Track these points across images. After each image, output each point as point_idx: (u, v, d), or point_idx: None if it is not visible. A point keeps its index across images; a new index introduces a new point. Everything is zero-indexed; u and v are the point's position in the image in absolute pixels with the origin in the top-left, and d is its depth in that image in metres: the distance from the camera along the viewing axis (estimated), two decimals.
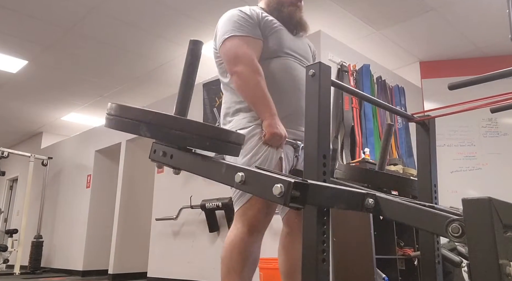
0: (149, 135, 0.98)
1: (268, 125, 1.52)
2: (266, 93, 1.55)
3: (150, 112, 1.01)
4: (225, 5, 3.93)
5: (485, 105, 1.44)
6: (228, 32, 1.62)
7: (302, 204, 0.81)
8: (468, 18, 4.11)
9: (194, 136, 1.00)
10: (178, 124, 1.00)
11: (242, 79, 1.56)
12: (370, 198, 0.95)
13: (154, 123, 0.99)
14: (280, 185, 0.79)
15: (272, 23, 1.72)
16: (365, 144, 3.71)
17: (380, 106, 1.43)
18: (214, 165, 1.00)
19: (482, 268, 0.76)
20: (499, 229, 0.77)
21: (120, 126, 1.02)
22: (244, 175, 0.89)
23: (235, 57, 1.59)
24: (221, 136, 1.06)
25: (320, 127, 1.06)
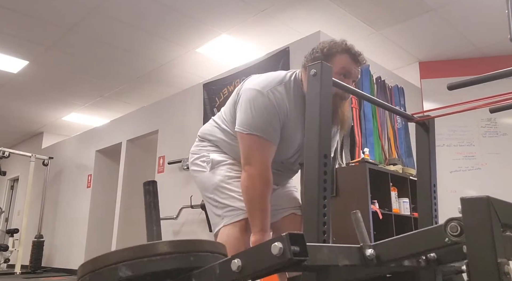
0: (130, 273, 0.89)
1: (255, 242, 1.51)
2: (266, 207, 1.54)
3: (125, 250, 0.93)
4: (225, 5, 3.95)
5: (485, 105, 1.45)
6: (252, 127, 1.54)
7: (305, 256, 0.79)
8: (468, 18, 4.12)
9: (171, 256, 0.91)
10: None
11: (250, 183, 1.54)
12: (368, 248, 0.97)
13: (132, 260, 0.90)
14: (277, 243, 0.75)
15: (291, 125, 1.60)
16: (365, 144, 3.72)
17: (380, 106, 1.43)
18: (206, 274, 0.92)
19: (480, 266, 0.77)
20: (497, 228, 0.78)
21: None
22: (239, 259, 0.83)
23: (252, 158, 1.55)
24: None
25: (321, 127, 1.07)
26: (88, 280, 0.91)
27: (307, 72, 1.12)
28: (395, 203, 3.46)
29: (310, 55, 1.62)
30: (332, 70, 1.55)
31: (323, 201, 1.04)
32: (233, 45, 4.72)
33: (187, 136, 4.72)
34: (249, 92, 1.57)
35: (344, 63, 1.57)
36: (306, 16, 4.11)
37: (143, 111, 5.97)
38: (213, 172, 1.66)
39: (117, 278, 0.88)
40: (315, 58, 1.59)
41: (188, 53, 4.90)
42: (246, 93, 1.59)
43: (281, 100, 1.55)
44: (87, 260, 0.92)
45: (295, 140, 1.64)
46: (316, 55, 1.59)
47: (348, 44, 1.60)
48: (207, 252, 0.96)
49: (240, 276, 0.83)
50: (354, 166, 3.30)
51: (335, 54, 1.57)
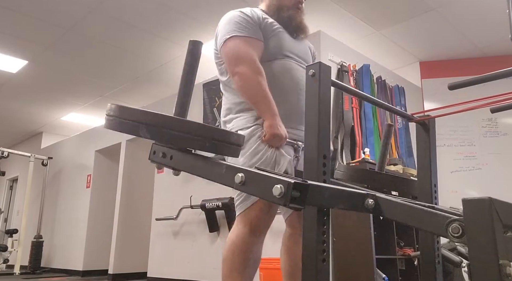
0: (149, 136, 0.98)
1: (269, 126, 1.52)
2: (267, 94, 1.56)
3: (149, 113, 1.01)
4: (226, 5, 3.94)
5: (485, 105, 1.44)
6: (230, 32, 1.63)
7: (302, 205, 0.81)
8: (468, 18, 4.11)
9: (194, 137, 0.99)
10: (178, 125, 1.00)
11: (243, 80, 1.56)
12: (370, 199, 0.95)
13: (153, 124, 0.98)
14: (280, 186, 0.79)
15: (272, 25, 1.72)
16: (365, 143, 3.71)
17: (380, 106, 1.43)
18: (214, 166, 1.00)
19: (482, 268, 0.76)
20: (499, 229, 0.77)
21: (119, 128, 1.02)
22: (244, 176, 0.89)
23: (236, 58, 1.59)
24: (220, 137, 1.06)
25: (320, 128, 1.06)
26: (114, 122, 1.03)
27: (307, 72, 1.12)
28: None
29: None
30: None
31: None
32: None
33: None
34: (221, 20, 1.72)
35: None
36: (306, 16, 4.08)
37: None
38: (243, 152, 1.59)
39: (137, 134, 0.99)
40: None
41: None
42: (219, 23, 1.72)
43: (250, 11, 1.69)
44: None
45: (285, 36, 1.74)
46: None
47: None
48: (224, 142, 1.06)
49: (238, 188, 0.91)
50: (355, 166, 3.29)
51: None
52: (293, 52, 1.75)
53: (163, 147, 1.09)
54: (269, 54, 1.68)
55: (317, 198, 0.86)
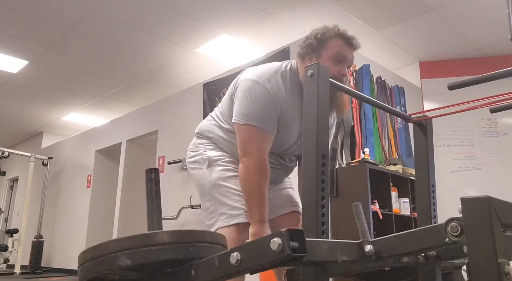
0: (129, 262, 0.87)
1: (254, 233, 1.49)
2: (263, 198, 1.53)
3: (123, 239, 0.91)
4: (226, 5, 3.95)
5: (485, 105, 1.44)
6: (247, 117, 1.54)
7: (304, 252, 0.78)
8: (468, 18, 4.11)
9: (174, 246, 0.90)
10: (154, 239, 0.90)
11: (246, 174, 1.53)
12: (367, 244, 0.97)
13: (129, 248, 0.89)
14: (276, 238, 0.75)
15: (289, 115, 1.59)
16: (365, 144, 3.72)
17: (378, 107, 1.43)
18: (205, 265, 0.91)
19: (481, 267, 0.76)
20: (498, 228, 0.77)
21: (95, 271, 0.91)
22: (239, 253, 0.82)
23: (249, 149, 1.55)
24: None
25: (318, 128, 1.07)
26: (88, 267, 0.91)
27: (305, 72, 1.11)
28: (395, 203, 3.46)
29: (304, 42, 1.63)
30: (328, 55, 1.56)
31: (322, 201, 1.04)
32: (233, 45, 4.71)
33: (187, 137, 4.70)
34: (245, 83, 1.57)
35: (338, 47, 1.57)
36: (306, 16, 4.10)
37: (143, 111, 5.97)
38: (210, 169, 1.65)
39: (117, 266, 0.88)
40: (309, 44, 1.60)
41: (188, 53, 4.89)
42: (242, 84, 1.59)
43: (277, 89, 1.55)
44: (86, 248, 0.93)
45: (293, 130, 1.63)
46: (310, 42, 1.60)
47: (341, 29, 1.60)
48: (207, 243, 0.95)
49: (239, 270, 0.84)
50: (354, 166, 3.29)
51: (328, 39, 1.57)
52: (290, 149, 1.70)
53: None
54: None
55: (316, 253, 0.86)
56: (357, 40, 1.62)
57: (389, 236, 0.97)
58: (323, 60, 1.54)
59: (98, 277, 0.92)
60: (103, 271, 0.90)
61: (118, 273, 0.93)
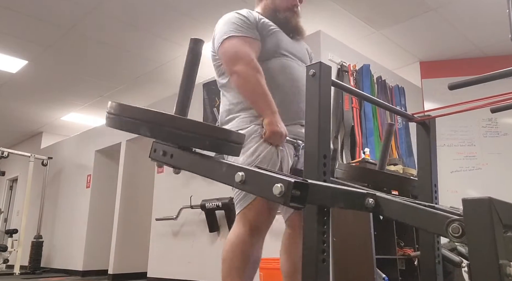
0: (149, 134, 0.98)
1: (268, 123, 1.52)
2: (266, 91, 1.56)
3: (150, 111, 1.01)
4: (225, 5, 3.94)
5: (485, 105, 1.44)
6: (227, 33, 1.65)
7: (302, 204, 0.81)
8: (468, 18, 4.11)
9: (194, 135, 1.00)
10: (178, 124, 1.00)
11: (242, 78, 1.57)
12: (370, 198, 0.95)
13: (154, 123, 0.99)
14: (280, 185, 0.79)
15: (269, 25, 1.75)
16: (365, 143, 3.71)
17: (380, 106, 1.43)
18: (214, 165, 1.00)
19: (482, 268, 0.76)
20: (499, 229, 0.77)
21: (120, 126, 1.02)
22: (244, 175, 0.89)
23: (234, 57, 1.60)
24: (221, 135, 1.06)
25: (320, 127, 1.06)
26: (113, 119, 1.05)
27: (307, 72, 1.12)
28: None
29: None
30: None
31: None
32: None
33: None
34: (218, 26, 1.75)
35: None
36: (306, 16, 4.09)
37: None
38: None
39: (137, 132, 1.01)
40: None
41: None
42: (216, 29, 1.75)
43: (246, 12, 1.72)
44: None
45: (281, 36, 1.75)
46: None
47: None
48: (224, 140, 1.05)
49: (238, 187, 0.92)
50: (355, 165, 3.29)
51: None
52: (290, 51, 1.76)
53: (163, 145, 1.10)
54: (266, 53, 1.69)
55: (317, 197, 0.86)
56: None
57: (397, 200, 0.96)
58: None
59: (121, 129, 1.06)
60: (126, 130, 1.03)
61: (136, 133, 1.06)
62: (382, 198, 0.95)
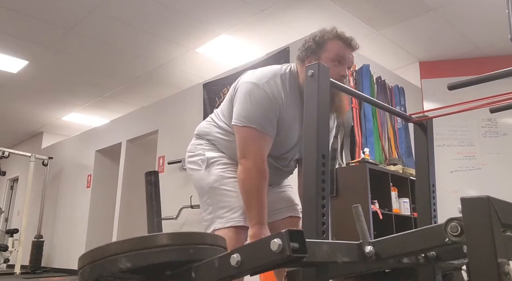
0: (130, 265, 0.88)
1: (252, 235, 1.50)
2: (263, 199, 1.53)
3: (124, 242, 0.92)
4: (226, 6, 3.95)
5: (485, 105, 1.44)
6: (249, 119, 1.54)
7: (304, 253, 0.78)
8: (468, 18, 4.11)
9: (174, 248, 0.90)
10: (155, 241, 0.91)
11: (245, 175, 1.54)
12: (367, 245, 0.97)
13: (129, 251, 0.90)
14: (276, 239, 0.75)
15: (288, 115, 1.60)
16: (365, 144, 3.72)
17: (378, 107, 1.43)
18: (205, 267, 0.92)
19: (481, 267, 0.76)
20: (497, 228, 0.77)
21: (94, 274, 0.91)
22: (239, 254, 0.82)
23: (248, 150, 1.55)
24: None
25: (319, 128, 1.07)
26: (88, 271, 0.91)
27: (305, 72, 1.12)
28: (395, 203, 3.46)
29: (303, 46, 1.64)
30: (328, 57, 1.57)
31: (322, 200, 1.04)
32: (233, 45, 4.71)
33: (187, 137, 4.70)
34: (245, 86, 1.59)
35: (337, 49, 1.59)
36: (306, 16, 4.10)
37: (143, 111, 5.96)
38: (208, 171, 1.65)
39: (117, 269, 0.88)
40: (308, 47, 1.61)
41: (188, 53, 4.89)
42: (242, 86, 1.60)
43: (276, 92, 1.56)
44: (86, 251, 0.92)
45: (293, 133, 1.64)
46: (309, 45, 1.61)
47: (339, 30, 1.62)
48: (207, 245, 0.96)
49: (239, 271, 0.84)
50: (354, 166, 3.29)
51: (327, 41, 1.59)
52: (288, 152, 1.70)
53: None
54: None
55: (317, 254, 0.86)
56: (356, 40, 1.63)
57: (389, 236, 0.97)
58: (323, 62, 1.53)
59: (98, 280, 0.92)
60: (104, 274, 0.90)
61: (119, 276, 0.92)
62: (377, 242, 0.97)
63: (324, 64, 1.13)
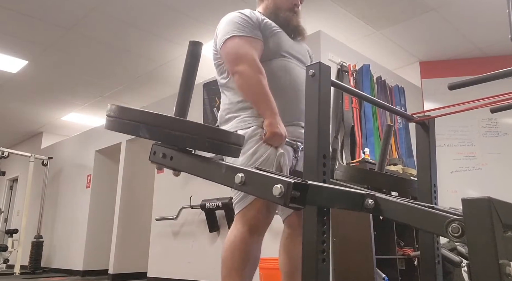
0: (148, 136, 0.98)
1: (269, 124, 1.52)
2: (267, 92, 1.56)
3: (150, 113, 1.01)
4: (225, 5, 3.94)
5: (485, 105, 1.44)
6: (230, 32, 1.65)
7: (302, 204, 0.81)
8: (468, 18, 4.11)
9: (193, 137, 1.00)
10: (177, 125, 1.00)
11: (244, 78, 1.57)
12: (369, 199, 0.95)
13: (153, 125, 0.99)
14: (280, 186, 0.79)
15: (271, 25, 1.75)
16: (365, 144, 3.71)
17: (380, 107, 1.42)
18: (213, 166, 1.00)
19: (482, 268, 0.76)
20: (498, 229, 0.77)
21: (120, 128, 1.02)
22: (244, 176, 0.89)
23: (236, 57, 1.60)
24: (220, 137, 1.06)
25: (320, 128, 1.06)
26: (113, 121, 1.04)
27: (306, 71, 1.13)
28: None
29: None
30: None
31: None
32: None
33: None
34: (220, 23, 1.75)
35: None
36: (306, 16, 4.09)
37: None
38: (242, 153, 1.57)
39: (137, 134, 1.01)
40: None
41: None
42: (219, 26, 1.75)
43: (249, 12, 1.73)
44: None
45: (283, 36, 1.76)
46: None
47: None
48: (224, 142, 1.06)
49: (238, 188, 0.91)
50: (355, 165, 3.29)
51: None
52: (291, 52, 1.77)
53: (163, 147, 1.10)
54: (268, 54, 1.70)
55: (317, 198, 0.86)
56: None
57: (396, 201, 0.96)
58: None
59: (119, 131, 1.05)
60: (125, 132, 1.02)
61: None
62: (381, 199, 0.95)
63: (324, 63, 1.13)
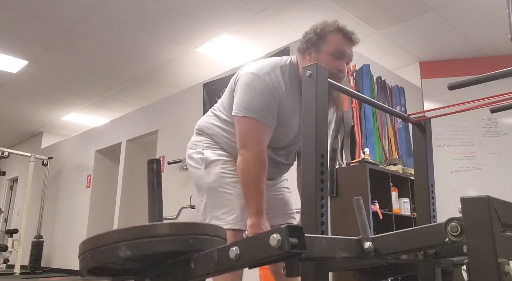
0: (129, 253, 0.88)
1: (251, 225, 1.50)
2: (261, 188, 1.53)
3: (125, 230, 0.93)
4: (226, 6, 3.95)
5: (485, 105, 1.44)
6: (250, 110, 1.55)
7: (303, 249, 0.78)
8: (468, 18, 4.11)
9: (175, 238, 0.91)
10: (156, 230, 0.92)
11: (244, 166, 1.54)
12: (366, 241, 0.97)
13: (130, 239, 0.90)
14: (275, 234, 0.75)
15: (288, 107, 1.60)
16: (365, 144, 3.71)
17: (377, 107, 1.43)
18: (203, 261, 0.92)
19: (481, 267, 0.76)
20: (497, 228, 0.77)
21: (95, 261, 0.92)
22: (238, 248, 0.83)
23: (247, 141, 1.56)
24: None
25: (317, 128, 1.06)
26: (89, 257, 0.92)
27: (303, 73, 1.11)
28: (395, 203, 3.46)
29: (304, 37, 1.63)
30: (328, 51, 1.56)
31: (321, 200, 1.04)
32: (233, 45, 4.71)
33: (187, 137, 4.67)
34: (246, 76, 1.59)
35: (338, 42, 1.57)
36: (306, 16, 4.10)
37: (143, 111, 5.96)
38: (207, 171, 1.65)
39: (117, 257, 0.89)
40: (309, 39, 1.60)
41: (188, 53, 4.89)
42: (243, 77, 1.60)
43: (277, 82, 1.56)
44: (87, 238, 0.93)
45: (293, 124, 1.64)
46: (309, 36, 1.60)
47: (340, 24, 1.60)
48: (207, 236, 0.96)
49: (238, 264, 0.85)
50: (355, 166, 3.29)
51: (328, 34, 1.58)
52: (290, 144, 1.71)
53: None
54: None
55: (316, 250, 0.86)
56: (356, 35, 1.61)
57: (388, 233, 0.97)
58: (323, 55, 1.56)
59: (99, 267, 0.93)
60: (104, 261, 0.91)
61: (119, 263, 0.93)
62: (376, 238, 0.97)
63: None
